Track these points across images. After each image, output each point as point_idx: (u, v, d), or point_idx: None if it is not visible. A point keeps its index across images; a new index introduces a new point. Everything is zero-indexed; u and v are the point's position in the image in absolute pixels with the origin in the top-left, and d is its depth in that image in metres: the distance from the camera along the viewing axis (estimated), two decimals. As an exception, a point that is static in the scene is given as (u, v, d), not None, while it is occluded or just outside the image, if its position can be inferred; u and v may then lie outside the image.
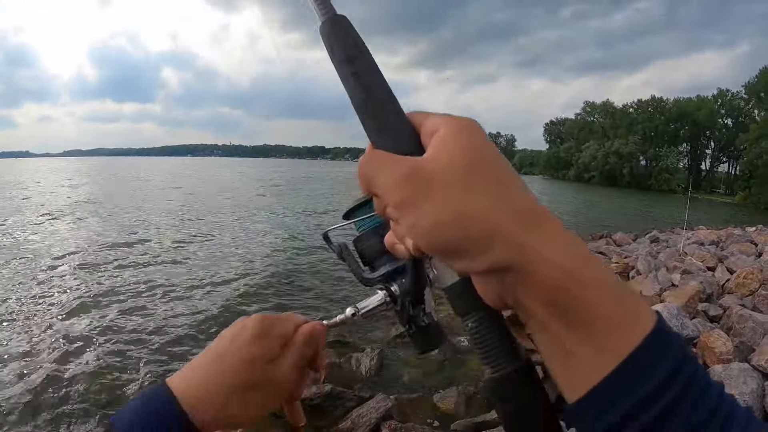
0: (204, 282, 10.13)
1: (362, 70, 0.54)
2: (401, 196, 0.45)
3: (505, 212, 0.42)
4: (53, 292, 9.30)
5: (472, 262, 0.43)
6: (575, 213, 29.53)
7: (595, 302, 0.40)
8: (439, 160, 0.45)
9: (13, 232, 15.92)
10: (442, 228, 0.43)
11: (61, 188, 39.24)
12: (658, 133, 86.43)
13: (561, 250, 0.41)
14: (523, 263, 0.41)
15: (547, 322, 0.42)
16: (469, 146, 0.45)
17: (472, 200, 0.42)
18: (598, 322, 0.40)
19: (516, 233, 0.41)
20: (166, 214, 21.35)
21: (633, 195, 55.43)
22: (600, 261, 0.43)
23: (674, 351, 0.40)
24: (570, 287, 0.40)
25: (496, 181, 0.44)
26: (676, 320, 6.19)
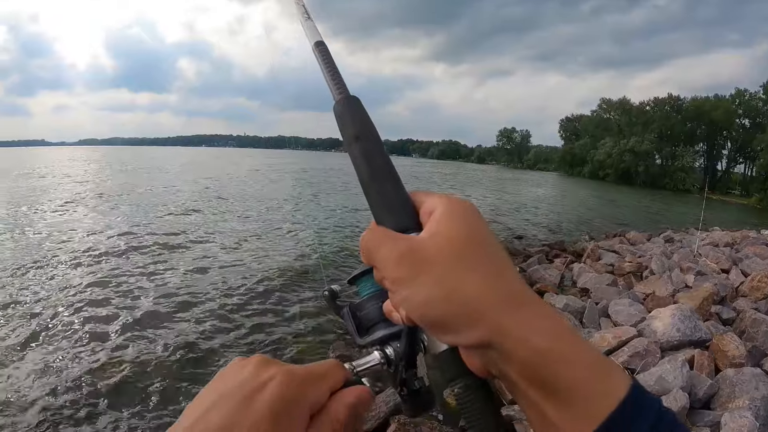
0: (233, 284, 10.05)
1: (368, 148, 0.60)
2: (397, 273, 0.49)
3: (489, 295, 0.45)
4: (67, 284, 9.39)
5: (457, 337, 0.47)
6: (590, 210, 29.33)
7: (569, 376, 0.43)
8: (433, 241, 0.49)
9: (35, 222, 16.07)
10: (432, 305, 0.47)
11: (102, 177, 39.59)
12: (675, 131, 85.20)
13: (538, 331, 0.44)
14: (502, 343, 0.44)
15: (528, 393, 0.45)
16: (463, 229, 0.49)
17: (461, 282, 0.46)
18: (573, 393, 0.43)
19: (498, 315, 0.45)
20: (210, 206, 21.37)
21: (648, 194, 54.92)
22: (576, 335, 0.46)
23: (650, 413, 0.43)
24: (546, 364, 0.43)
25: (485, 264, 0.48)
26: (689, 322, 6.16)
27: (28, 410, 5.25)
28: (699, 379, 4.99)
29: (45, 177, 37.14)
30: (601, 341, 6.18)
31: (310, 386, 0.48)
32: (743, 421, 4.09)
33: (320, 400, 0.49)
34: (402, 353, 0.59)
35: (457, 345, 0.49)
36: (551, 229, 19.08)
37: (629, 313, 7.18)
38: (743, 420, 4.10)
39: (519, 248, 13.48)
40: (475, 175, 72.81)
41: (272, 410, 0.44)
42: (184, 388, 5.72)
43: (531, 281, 9.81)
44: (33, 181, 32.75)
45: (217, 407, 0.45)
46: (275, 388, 0.46)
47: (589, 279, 9.68)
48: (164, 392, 5.62)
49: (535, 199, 34.20)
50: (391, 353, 0.60)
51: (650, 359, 5.53)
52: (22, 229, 14.31)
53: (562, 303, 7.88)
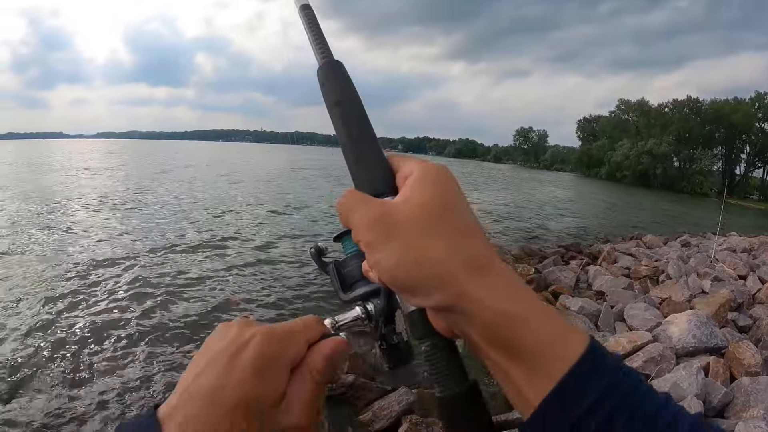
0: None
1: (349, 113, 0.61)
2: (369, 237, 0.51)
3: (454, 260, 0.48)
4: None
5: (424, 300, 0.50)
6: (606, 212, 29.15)
7: (528, 337, 0.46)
8: (405, 206, 0.52)
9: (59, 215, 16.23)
10: (399, 269, 0.49)
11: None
12: (693, 134, 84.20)
13: (500, 295, 0.47)
14: (465, 306, 0.47)
15: (490, 354, 0.48)
16: (435, 195, 0.52)
17: (427, 247, 0.49)
18: (532, 354, 0.46)
19: (461, 280, 0.47)
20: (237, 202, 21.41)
21: (665, 196, 54.46)
22: (537, 299, 0.49)
23: (607, 369, 0.45)
24: (506, 326, 0.46)
25: (453, 230, 0.50)
26: (705, 328, 6.12)
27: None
28: (714, 386, 4.96)
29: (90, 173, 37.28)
30: (615, 345, 6.16)
31: (288, 342, 0.52)
32: (758, 431, 4.07)
33: (299, 353, 0.52)
34: (380, 310, 0.62)
35: (424, 307, 0.52)
36: (567, 231, 18.95)
37: (645, 318, 7.15)
38: (758, 430, 4.07)
39: (535, 249, 13.41)
40: (491, 174, 72.46)
41: (254, 367, 0.48)
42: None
43: (546, 283, 9.78)
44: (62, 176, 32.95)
45: (205, 372, 0.49)
46: (256, 346, 0.49)
47: (604, 282, 9.65)
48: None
49: (552, 200, 33.99)
50: (372, 309, 0.63)
51: (665, 365, 5.51)
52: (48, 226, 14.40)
53: (577, 305, 7.86)
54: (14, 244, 11.44)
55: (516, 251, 13.01)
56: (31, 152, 66.16)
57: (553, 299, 8.63)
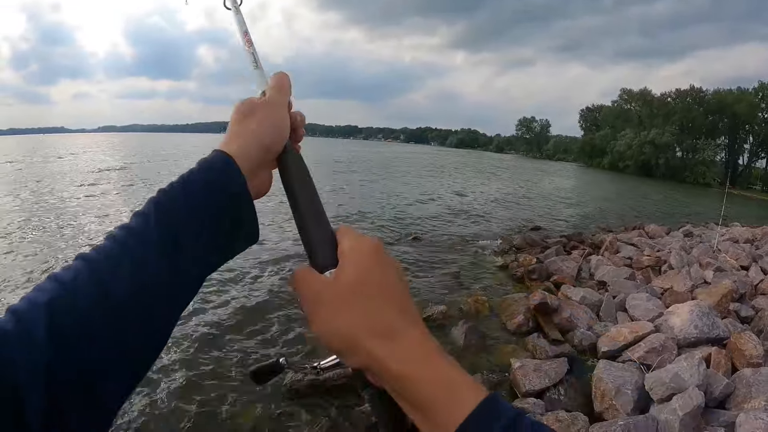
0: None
1: (304, 195, 0.71)
2: (306, 311, 0.62)
3: (362, 330, 0.58)
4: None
5: (348, 360, 0.61)
6: (608, 202, 29.05)
7: (425, 395, 0.54)
8: (331, 284, 0.61)
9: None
10: (324, 338, 0.60)
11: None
12: (696, 124, 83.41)
13: (401, 359, 0.56)
14: (372, 368, 0.58)
15: (402, 405, 0.57)
16: (359, 273, 0.61)
17: (339, 321, 0.59)
18: (429, 407, 0.54)
19: (367, 346, 0.57)
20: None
21: (667, 186, 54.30)
22: (438, 358, 0.57)
23: (501, 420, 0.51)
24: (405, 385, 0.55)
25: (368, 301, 0.60)
26: (707, 319, 6.11)
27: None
28: (715, 377, 4.93)
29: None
30: (617, 335, 6.16)
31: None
32: (759, 422, 4.04)
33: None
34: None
35: (350, 366, 0.62)
36: (569, 220, 18.95)
37: (647, 308, 7.13)
38: (759, 421, 4.05)
39: (537, 239, 13.36)
40: (494, 164, 72.36)
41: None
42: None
43: (548, 273, 9.78)
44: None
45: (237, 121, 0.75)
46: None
47: (606, 272, 9.63)
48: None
49: (554, 190, 33.98)
50: None
51: (667, 355, 5.50)
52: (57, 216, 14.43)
53: (579, 296, 7.85)
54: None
55: (518, 241, 12.97)
56: (33, 148, 66.16)
57: (555, 289, 8.63)
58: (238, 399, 5.11)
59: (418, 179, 33.72)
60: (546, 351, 6.08)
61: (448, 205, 20.26)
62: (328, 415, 4.86)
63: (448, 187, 29.35)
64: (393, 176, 34.88)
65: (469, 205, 20.84)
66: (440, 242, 12.83)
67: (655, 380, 4.88)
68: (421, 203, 20.19)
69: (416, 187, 27.88)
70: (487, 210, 19.73)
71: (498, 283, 9.48)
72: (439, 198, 22.66)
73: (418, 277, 9.57)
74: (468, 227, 15.35)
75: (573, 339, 6.52)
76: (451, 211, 18.57)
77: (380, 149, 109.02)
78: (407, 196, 22.84)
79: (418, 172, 41.36)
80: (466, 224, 15.85)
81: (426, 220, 16.02)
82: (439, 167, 50.45)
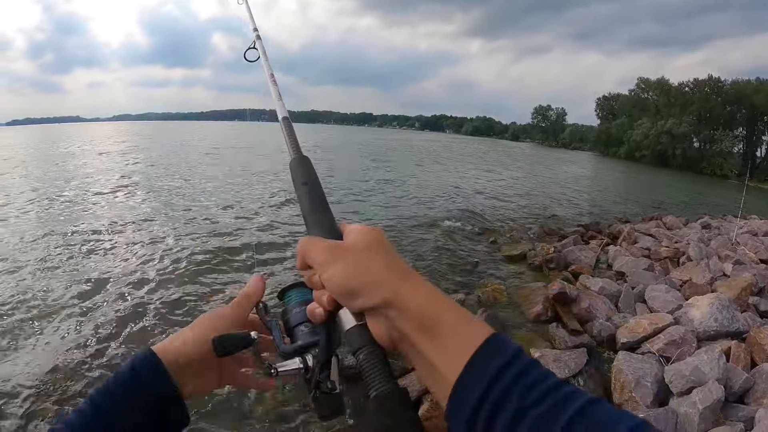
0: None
1: (312, 191, 0.82)
2: (322, 259, 0.68)
3: (387, 270, 0.65)
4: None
5: (367, 299, 0.64)
6: (626, 192, 28.83)
7: (447, 321, 0.60)
8: (349, 241, 0.70)
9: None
10: (347, 278, 0.65)
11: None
12: (714, 114, 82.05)
13: (423, 292, 0.63)
14: (398, 299, 0.62)
15: (418, 342, 0.61)
16: (372, 238, 0.70)
17: (369, 261, 0.66)
18: (448, 334, 0.59)
19: (395, 283, 0.64)
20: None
21: (684, 177, 53.61)
22: (447, 297, 0.64)
23: (505, 352, 0.56)
24: (428, 311, 0.61)
25: (384, 255, 0.68)
26: (727, 312, 6.08)
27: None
28: (735, 372, 4.92)
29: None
30: (636, 327, 6.14)
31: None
32: (779, 417, 4.04)
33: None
34: (318, 354, 0.75)
35: (367, 306, 0.65)
36: (587, 210, 18.82)
37: (666, 300, 7.10)
38: (779, 416, 4.05)
39: (554, 228, 13.33)
40: (509, 152, 71.83)
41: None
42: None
43: (566, 262, 9.77)
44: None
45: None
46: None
47: (625, 262, 9.59)
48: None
49: (571, 179, 33.72)
50: (310, 360, 0.76)
51: (686, 348, 5.48)
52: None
53: (598, 286, 7.83)
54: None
55: (535, 230, 12.94)
56: (48, 138, 66.51)
57: (573, 279, 8.61)
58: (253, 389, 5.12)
59: (431, 166, 33.59)
60: (565, 341, 6.07)
61: (463, 194, 20.18)
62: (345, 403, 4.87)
63: (463, 175, 29.19)
64: (406, 165, 34.77)
65: (485, 194, 20.74)
66: (457, 230, 12.78)
67: (675, 373, 4.86)
68: (436, 191, 20.07)
69: (431, 174, 27.82)
70: (503, 199, 19.62)
71: (515, 272, 9.45)
72: (455, 186, 22.50)
73: (435, 264, 9.56)
74: (485, 215, 15.26)
75: (592, 329, 6.50)
76: (467, 200, 18.49)
77: (395, 136, 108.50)
78: (422, 183, 22.82)
79: (431, 159, 41.18)
80: (483, 213, 15.75)
81: (442, 208, 15.95)
82: (453, 155, 50.14)
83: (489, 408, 0.53)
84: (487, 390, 0.54)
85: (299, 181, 0.84)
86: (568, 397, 0.52)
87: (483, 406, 0.53)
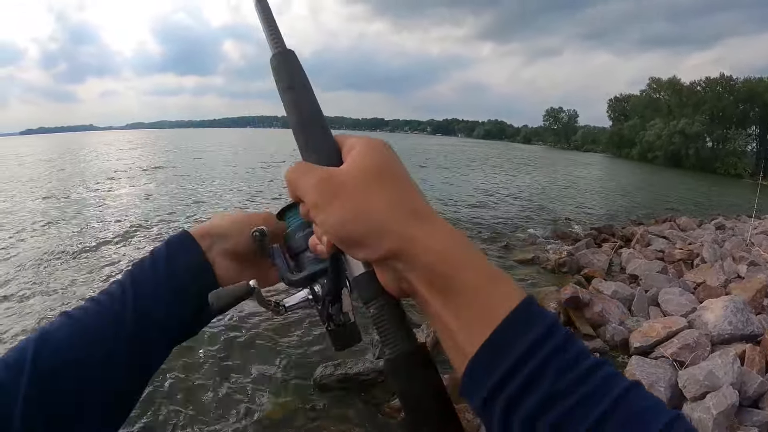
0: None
1: (300, 96, 0.64)
2: (315, 198, 0.54)
3: (395, 210, 0.51)
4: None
5: (370, 251, 0.52)
6: (639, 193, 28.60)
7: (465, 278, 0.48)
8: (347, 170, 0.55)
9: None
10: (345, 224, 0.52)
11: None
12: (726, 113, 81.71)
13: (438, 240, 0.50)
14: (407, 250, 0.50)
15: (430, 302, 0.50)
16: (376, 160, 0.55)
17: (369, 201, 0.52)
18: (468, 297, 0.48)
19: (402, 228, 0.50)
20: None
21: (698, 178, 53.26)
22: (471, 246, 0.52)
23: (538, 325, 0.46)
24: (444, 267, 0.49)
25: (391, 187, 0.53)
26: (741, 315, 6.00)
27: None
28: (750, 375, 4.85)
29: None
30: (649, 331, 6.09)
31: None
32: (796, 423, 3.99)
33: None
34: (327, 288, 0.65)
35: (371, 259, 0.53)
36: (599, 213, 18.68)
37: (679, 303, 7.02)
38: (796, 422, 4.00)
39: (567, 231, 13.27)
40: (521, 155, 71.68)
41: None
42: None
43: (579, 266, 9.70)
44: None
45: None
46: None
47: (638, 265, 9.49)
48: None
49: (583, 181, 33.61)
50: (318, 290, 0.66)
51: (700, 352, 5.42)
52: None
53: (611, 290, 7.76)
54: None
55: (548, 233, 12.89)
56: (62, 149, 67.31)
57: (585, 283, 8.55)
58: (265, 393, 5.19)
59: (442, 170, 33.59)
60: (578, 346, 6.02)
61: (475, 197, 20.15)
62: (357, 410, 4.89)
63: (474, 178, 29.19)
64: (414, 169, 34.80)
65: (497, 197, 20.67)
66: (468, 234, 12.74)
67: (689, 377, 4.82)
68: (446, 195, 20.09)
69: (440, 177, 27.82)
70: (515, 201, 19.56)
71: (528, 276, 9.39)
72: (467, 189, 22.53)
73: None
74: (496, 219, 15.22)
75: (605, 334, 6.45)
76: (478, 203, 18.48)
77: (406, 141, 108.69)
78: (433, 186, 22.83)
79: (442, 163, 41.20)
80: (495, 216, 15.72)
81: (452, 212, 15.94)
82: (464, 159, 50.13)
83: (512, 392, 0.44)
84: (511, 371, 0.44)
85: (283, 86, 0.66)
86: (606, 382, 0.43)
87: (504, 389, 0.45)
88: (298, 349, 6.06)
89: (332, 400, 5.05)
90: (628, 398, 0.42)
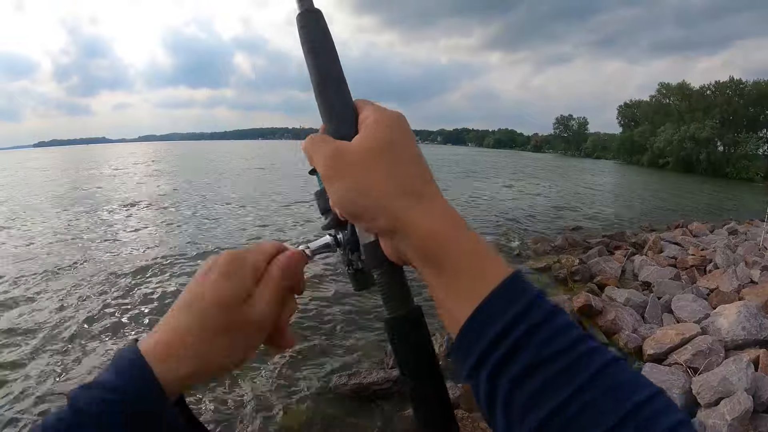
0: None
1: (321, 60, 0.64)
2: (325, 173, 0.58)
3: (390, 189, 0.55)
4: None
5: (370, 225, 0.57)
6: (650, 200, 28.41)
7: (453, 254, 0.52)
8: (354, 145, 0.58)
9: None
10: (347, 200, 0.57)
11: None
12: (737, 117, 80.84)
13: (431, 218, 0.54)
14: (401, 227, 0.54)
15: (425, 274, 0.55)
16: (381, 137, 0.58)
17: (368, 179, 0.55)
18: (456, 272, 0.52)
19: (396, 205, 0.54)
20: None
21: (709, 182, 52.69)
22: (463, 225, 0.55)
23: (524, 298, 0.49)
24: (435, 243, 0.53)
25: (394, 164, 0.57)
26: (755, 320, 5.98)
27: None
28: (764, 381, 4.84)
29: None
30: (663, 338, 6.08)
31: (248, 257, 0.61)
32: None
33: (259, 265, 0.61)
34: (348, 238, 0.67)
35: (371, 232, 0.60)
36: (611, 220, 18.57)
37: (693, 309, 7.00)
38: (811, 426, 3.98)
39: (578, 239, 13.21)
40: (532, 164, 71.42)
41: (220, 276, 0.58)
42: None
43: (591, 273, 9.67)
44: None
45: (184, 291, 0.59)
46: (220, 261, 0.59)
47: (651, 272, 9.45)
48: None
49: (594, 188, 33.43)
50: (341, 237, 0.68)
51: (714, 358, 5.41)
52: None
53: (624, 297, 7.75)
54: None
55: (559, 242, 12.85)
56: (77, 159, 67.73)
57: (598, 290, 8.53)
58: (279, 401, 5.25)
59: (450, 179, 33.54)
60: (591, 354, 6.02)
61: (486, 206, 20.22)
62: (371, 420, 4.91)
63: (485, 187, 29.12)
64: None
65: (508, 205, 20.63)
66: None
67: (703, 384, 4.81)
68: (456, 204, 20.03)
69: (450, 186, 27.77)
70: (526, 210, 19.49)
71: (540, 285, 9.26)
72: (478, 198, 22.53)
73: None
74: (509, 228, 15.20)
75: (618, 342, 6.45)
76: (488, 212, 18.48)
77: (425, 150, 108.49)
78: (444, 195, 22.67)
79: (452, 173, 41.13)
80: (507, 225, 15.70)
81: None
82: (474, 169, 50.04)
83: (495, 362, 0.47)
84: (495, 340, 0.47)
85: (307, 48, 0.64)
86: (588, 354, 0.46)
87: (488, 358, 0.48)
88: (312, 359, 6.10)
89: (346, 409, 5.09)
90: (608, 371, 0.45)
